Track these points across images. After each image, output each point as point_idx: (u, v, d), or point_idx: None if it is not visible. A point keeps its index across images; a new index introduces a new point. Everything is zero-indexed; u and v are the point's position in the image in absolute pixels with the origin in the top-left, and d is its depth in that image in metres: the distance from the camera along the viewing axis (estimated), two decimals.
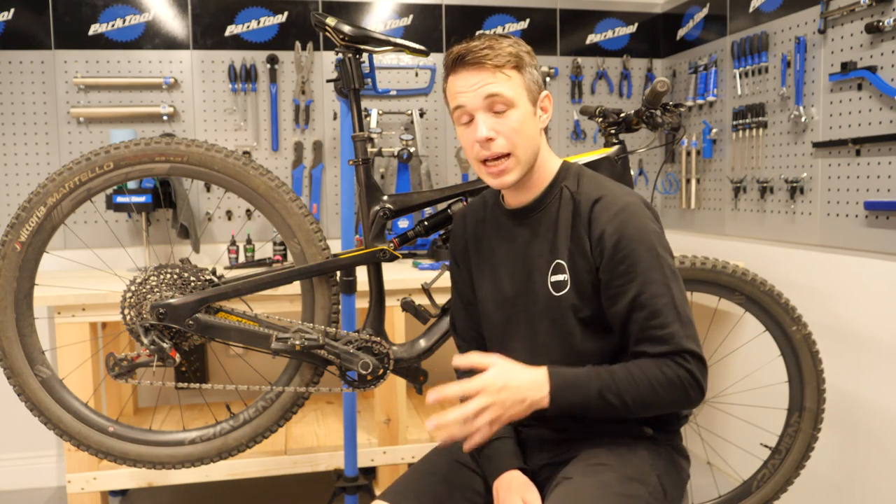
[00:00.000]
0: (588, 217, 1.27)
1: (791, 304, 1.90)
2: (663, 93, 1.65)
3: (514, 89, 1.25)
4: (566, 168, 1.36)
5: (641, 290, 1.22)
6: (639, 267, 1.22)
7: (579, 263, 1.28)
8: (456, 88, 1.27)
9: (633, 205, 1.27)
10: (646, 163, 3.30)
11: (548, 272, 1.31)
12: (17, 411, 2.16)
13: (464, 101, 1.26)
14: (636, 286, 1.22)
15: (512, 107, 1.25)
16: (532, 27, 3.15)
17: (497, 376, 1.17)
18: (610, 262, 1.24)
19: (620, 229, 1.23)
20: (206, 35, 2.89)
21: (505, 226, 1.39)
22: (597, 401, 1.19)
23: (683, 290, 1.28)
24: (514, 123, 1.25)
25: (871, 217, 2.15)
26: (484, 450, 1.36)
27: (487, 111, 1.25)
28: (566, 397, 1.19)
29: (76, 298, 2.17)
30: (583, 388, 1.19)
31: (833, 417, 2.20)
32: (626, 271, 1.23)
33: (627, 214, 1.25)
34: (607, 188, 1.30)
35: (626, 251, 1.23)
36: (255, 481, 2.73)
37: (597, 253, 1.26)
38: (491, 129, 1.24)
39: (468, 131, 1.28)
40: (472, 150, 1.28)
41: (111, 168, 1.55)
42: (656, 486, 1.28)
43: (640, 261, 1.22)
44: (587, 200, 1.28)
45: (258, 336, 1.59)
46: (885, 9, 2.07)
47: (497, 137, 1.25)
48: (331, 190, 3.02)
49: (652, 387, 1.20)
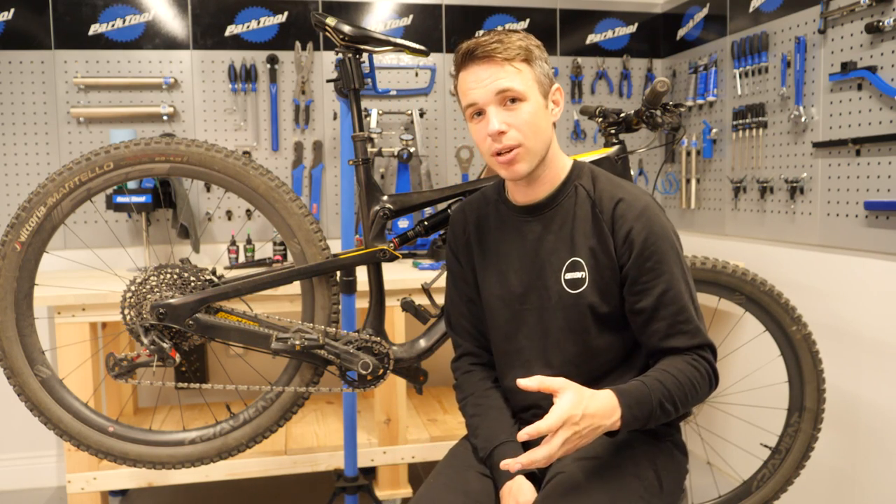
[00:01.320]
0: (612, 216, 1.29)
1: (791, 304, 1.90)
2: (663, 93, 1.65)
3: (525, 82, 1.25)
4: (579, 167, 1.37)
5: (669, 287, 1.26)
6: (665, 265, 1.26)
7: (601, 261, 1.29)
8: (467, 84, 1.27)
9: (652, 205, 1.31)
10: (646, 163, 3.30)
11: (562, 269, 1.32)
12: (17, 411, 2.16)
13: (475, 96, 1.26)
14: (663, 282, 1.26)
15: (523, 100, 1.25)
16: (532, 27, 3.15)
17: (575, 407, 1.11)
18: (638, 258, 1.27)
19: (647, 228, 1.27)
20: (206, 35, 2.89)
21: (511, 222, 1.39)
22: (658, 412, 1.21)
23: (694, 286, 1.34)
24: (525, 116, 1.25)
25: (871, 217, 2.15)
26: (492, 456, 1.35)
27: (499, 105, 1.25)
28: (634, 416, 1.19)
29: (76, 298, 2.17)
30: (646, 403, 1.20)
31: (833, 417, 2.20)
32: (653, 268, 1.26)
33: (651, 213, 1.29)
34: (625, 188, 1.32)
35: (652, 248, 1.26)
36: (255, 481, 2.73)
37: (623, 251, 1.28)
38: (503, 122, 1.25)
39: (480, 126, 1.28)
40: (484, 143, 1.29)
41: (111, 168, 1.55)
42: (652, 481, 1.28)
43: (665, 258, 1.27)
44: (609, 200, 1.30)
45: (258, 336, 1.59)
46: (885, 9, 2.07)
47: (509, 130, 1.25)
48: (331, 190, 3.02)
49: (693, 385, 1.25)
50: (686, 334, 1.27)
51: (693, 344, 1.27)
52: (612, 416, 1.16)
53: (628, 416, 1.18)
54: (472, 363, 1.50)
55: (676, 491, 1.38)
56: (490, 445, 1.36)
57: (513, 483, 1.31)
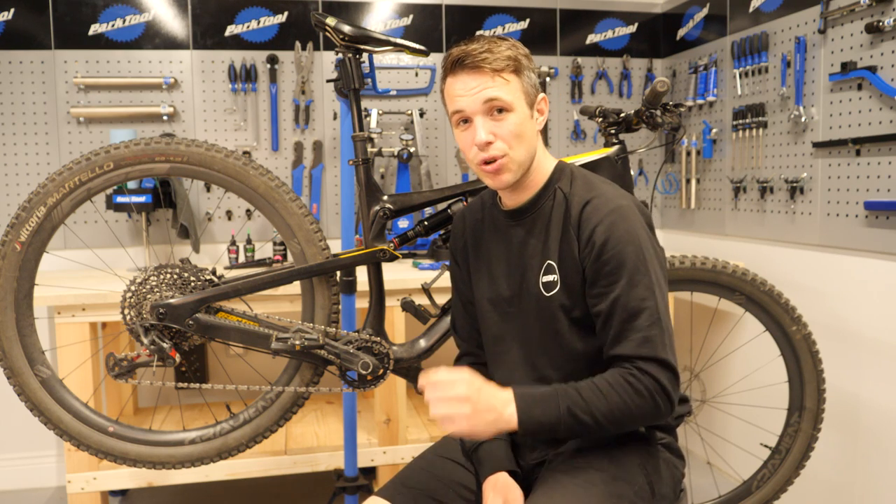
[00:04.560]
0: (578, 218, 1.27)
1: (791, 304, 1.90)
2: (663, 93, 1.65)
3: (513, 93, 1.25)
4: (560, 169, 1.36)
5: (624, 292, 1.21)
6: (624, 269, 1.22)
7: (569, 264, 1.28)
8: (455, 91, 1.27)
9: (624, 207, 1.26)
10: (646, 163, 3.30)
11: (539, 272, 1.32)
12: (17, 411, 2.16)
13: (462, 104, 1.26)
14: (620, 287, 1.21)
15: (510, 111, 1.25)
16: (532, 27, 3.15)
17: (475, 379, 1.17)
18: (596, 262, 1.23)
19: (609, 230, 1.23)
20: (206, 35, 2.89)
21: (501, 226, 1.40)
22: (567, 418, 1.18)
23: (667, 300, 1.27)
24: (511, 127, 1.25)
25: (871, 217, 2.15)
26: (477, 451, 1.37)
27: (486, 115, 1.25)
28: (534, 416, 1.17)
29: (76, 298, 2.16)
30: (550, 405, 1.18)
31: (833, 417, 2.20)
32: (611, 272, 1.22)
33: (618, 216, 1.25)
34: (599, 189, 1.30)
35: (612, 252, 1.22)
36: (255, 481, 2.73)
37: (585, 253, 1.25)
38: (489, 132, 1.25)
39: (466, 134, 1.28)
40: (470, 151, 1.29)
41: (111, 168, 1.55)
42: (643, 486, 1.28)
43: (626, 263, 1.22)
44: (578, 201, 1.28)
45: (258, 336, 1.59)
46: (885, 9, 2.07)
47: (495, 140, 1.25)
48: (331, 190, 3.02)
49: (620, 398, 1.18)
50: (631, 341, 1.20)
51: (638, 354, 1.19)
52: (506, 406, 1.17)
53: (524, 416, 1.16)
54: (471, 363, 1.51)
55: (670, 495, 1.37)
56: (476, 441, 1.38)
57: (494, 480, 1.32)
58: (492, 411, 1.16)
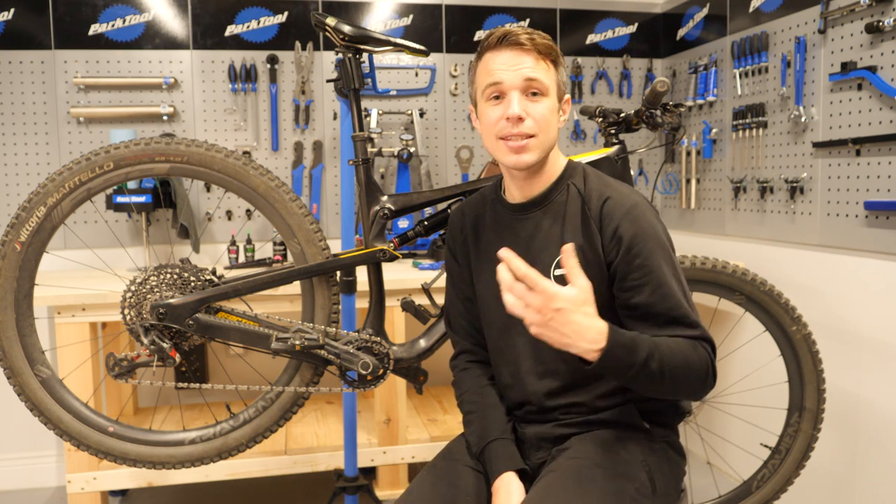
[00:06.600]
0: (599, 213, 1.31)
1: (791, 304, 1.90)
2: (663, 93, 1.65)
3: (550, 80, 1.30)
4: (573, 166, 1.40)
5: (661, 283, 1.26)
6: (654, 261, 1.27)
7: (588, 258, 1.30)
8: (495, 65, 1.30)
9: (641, 204, 1.32)
10: (646, 163, 3.30)
11: (552, 266, 1.33)
12: (17, 411, 2.17)
13: (502, 77, 1.28)
14: (655, 279, 1.26)
15: (545, 95, 1.30)
16: (532, 27, 3.12)
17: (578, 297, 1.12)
18: (626, 255, 1.27)
19: (635, 226, 1.28)
20: (206, 35, 2.89)
21: (505, 220, 1.41)
22: (641, 367, 1.17)
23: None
24: (544, 110, 1.29)
25: (871, 217, 2.15)
26: (484, 452, 1.37)
27: (522, 92, 1.29)
28: (617, 355, 1.16)
29: (76, 298, 2.17)
30: (632, 350, 1.17)
31: (833, 417, 2.20)
32: (643, 265, 1.26)
33: (639, 212, 1.30)
34: (614, 187, 1.34)
35: (640, 246, 1.27)
36: (255, 481, 2.73)
37: (610, 248, 1.29)
38: (523, 109, 1.28)
39: (496, 108, 1.30)
40: (495, 126, 1.31)
41: (111, 168, 1.55)
42: (644, 483, 1.28)
43: (654, 256, 1.27)
44: (597, 198, 1.32)
45: (258, 336, 1.59)
46: (885, 9, 2.07)
47: (527, 119, 1.28)
48: (331, 190, 3.02)
49: (687, 362, 1.22)
50: (686, 326, 1.26)
51: (697, 334, 1.26)
52: (597, 337, 1.14)
53: (609, 352, 1.14)
54: (469, 360, 1.51)
55: (672, 493, 1.37)
56: (483, 442, 1.37)
57: (502, 481, 1.31)
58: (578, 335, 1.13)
